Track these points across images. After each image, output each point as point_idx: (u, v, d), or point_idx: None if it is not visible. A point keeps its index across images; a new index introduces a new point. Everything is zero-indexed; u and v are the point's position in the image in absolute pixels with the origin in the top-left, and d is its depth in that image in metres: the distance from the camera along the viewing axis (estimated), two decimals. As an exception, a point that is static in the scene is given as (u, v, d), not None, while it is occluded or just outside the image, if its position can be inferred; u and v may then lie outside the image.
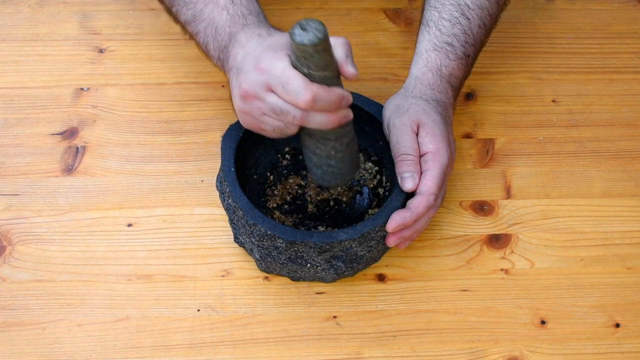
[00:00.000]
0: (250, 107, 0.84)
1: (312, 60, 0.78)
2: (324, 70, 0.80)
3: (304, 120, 0.82)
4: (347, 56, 0.82)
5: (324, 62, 0.79)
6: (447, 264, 0.98)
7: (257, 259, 0.93)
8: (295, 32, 0.77)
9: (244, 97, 0.84)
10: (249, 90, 0.83)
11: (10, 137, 1.05)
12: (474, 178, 1.04)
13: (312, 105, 0.80)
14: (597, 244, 1.00)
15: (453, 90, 0.98)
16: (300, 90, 0.79)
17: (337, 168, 0.91)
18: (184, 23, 0.95)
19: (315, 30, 0.76)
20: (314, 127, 0.83)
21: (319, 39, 0.77)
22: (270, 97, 0.82)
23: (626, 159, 1.07)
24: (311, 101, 0.79)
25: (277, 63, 0.80)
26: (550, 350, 0.93)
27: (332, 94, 0.81)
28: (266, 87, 0.81)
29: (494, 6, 1.00)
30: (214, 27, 0.91)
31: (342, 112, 0.83)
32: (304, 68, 0.79)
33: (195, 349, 0.91)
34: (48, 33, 1.14)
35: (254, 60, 0.82)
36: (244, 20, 0.90)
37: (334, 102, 0.81)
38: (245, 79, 0.83)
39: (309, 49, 0.77)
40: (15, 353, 0.91)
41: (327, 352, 0.92)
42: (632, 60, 1.15)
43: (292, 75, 0.79)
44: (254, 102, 0.83)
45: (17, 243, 0.97)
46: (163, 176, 1.03)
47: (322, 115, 0.82)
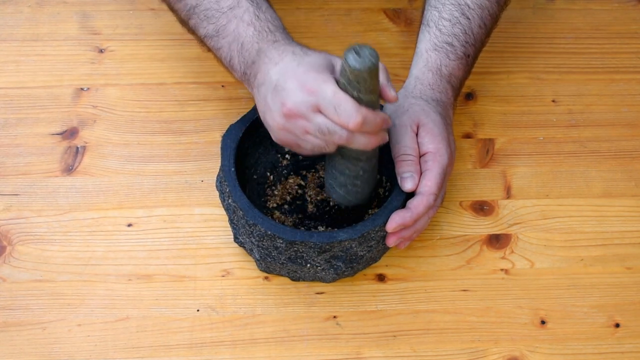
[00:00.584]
0: (294, 125, 0.85)
1: (364, 84, 0.81)
2: (372, 94, 0.82)
3: (350, 141, 0.84)
4: (388, 80, 0.85)
5: (373, 86, 0.82)
6: (447, 264, 0.98)
7: (257, 259, 0.93)
8: (350, 57, 0.79)
9: (287, 115, 0.84)
10: (294, 110, 0.84)
11: (10, 137, 1.05)
12: (474, 178, 1.04)
13: (361, 127, 0.82)
14: (597, 244, 1.00)
15: (453, 90, 0.98)
16: (352, 112, 0.81)
17: (361, 187, 0.93)
18: (203, 37, 0.95)
19: (370, 56, 0.79)
20: (355, 148, 0.86)
21: (373, 65, 0.79)
22: (318, 118, 0.83)
23: (626, 159, 1.07)
24: (361, 124, 0.81)
25: (326, 85, 0.82)
26: (550, 350, 0.93)
27: (377, 117, 0.83)
28: (314, 107, 0.83)
29: (495, 6, 1.00)
30: (240, 43, 0.90)
31: (382, 134, 0.86)
32: (354, 91, 0.81)
33: (195, 349, 0.91)
34: (48, 33, 1.14)
35: (298, 81, 0.83)
36: (272, 37, 0.90)
37: (379, 125, 0.84)
38: (290, 98, 0.84)
39: (363, 74, 0.80)
40: (15, 353, 0.91)
41: (327, 352, 0.92)
42: (632, 60, 1.15)
43: (343, 98, 0.81)
44: (298, 121, 0.84)
45: (17, 243, 0.97)
46: (163, 176, 1.03)
47: (365, 137, 0.84)
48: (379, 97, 0.85)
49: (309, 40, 1.14)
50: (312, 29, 1.16)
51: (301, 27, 1.16)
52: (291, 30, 1.15)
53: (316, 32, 1.16)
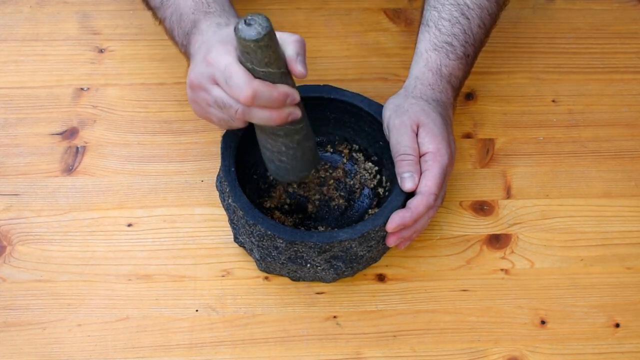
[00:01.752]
0: (197, 97, 0.86)
1: (254, 55, 0.78)
2: (267, 67, 0.79)
3: (246, 116, 0.83)
4: (298, 54, 0.82)
5: (267, 58, 0.79)
6: (447, 264, 0.98)
7: (257, 259, 0.93)
8: (239, 27, 0.76)
9: (191, 86, 0.86)
10: (195, 81, 0.84)
11: (10, 137, 1.05)
12: (474, 178, 1.04)
13: (252, 101, 0.80)
14: (597, 244, 1.00)
15: (453, 90, 0.98)
16: (241, 85, 0.80)
17: (290, 165, 0.91)
18: (153, 9, 0.97)
19: (259, 26, 0.76)
20: (256, 123, 0.84)
21: (261, 35, 0.76)
22: (215, 90, 0.83)
23: (626, 159, 1.07)
24: (251, 97, 0.80)
25: (223, 56, 0.81)
26: (550, 350, 0.93)
27: (274, 91, 0.81)
28: (211, 79, 0.83)
29: (494, 6, 1.00)
30: (179, 14, 0.92)
31: (287, 109, 0.83)
32: (248, 63, 0.79)
33: (195, 349, 0.91)
34: (48, 33, 1.14)
35: (205, 52, 0.84)
36: (207, 8, 0.90)
37: (276, 100, 0.81)
38: (194, 69, 0.85)
39: (250, 44, 0.77)
40: (15, 353, 0.91)
41: (327, 352, 0.92)
42: (632, 60, 1.15)
43: (235, 70, 0.80)
44: (200, 93, 0.85)
45: (17, 243, 0.97)
46: (163, 176, 1.03)
47: (264, 112, 0.82)
48: (285, 70, 0.81)
49: (309, 40, 1.14)
50: (312, 29, 1.16)
51: (301, 27, 1.16)
52: (291, 30, 1.15)
53: (316, 32, 1.16)
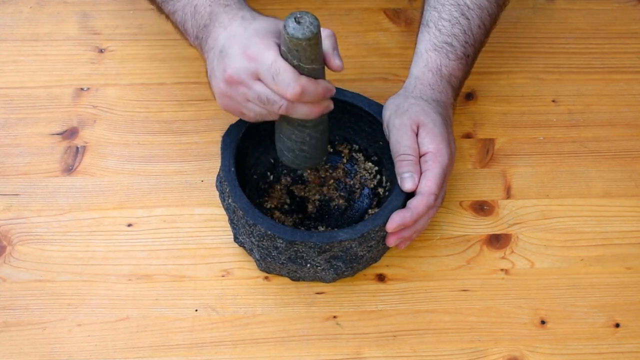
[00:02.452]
0: (235, 92, 0.85)
1: (303, 53, 0.79)
2: (313, 63, 0.81)
3: (289, 111, 0.83)
4: (334, 49, 0.83)
5: (314, 55, 0.80)
6: (447, 264, 0.98)
7: (257, 259, 0.93)
8: (290, 25, 0.78)
9: (228, 81, 0.84)
10: (235, 76, 0.83)
11: (10, 137, 1.05)
12: (474, 178, 1.04)
13: (300, 97, 0.81)
14: (597, 244, 1.00)
15: (453, 90, 0.98)
16: (290, 82, 0.80)
17: (309, 153, 0.92)
18: (160, 2, 0.95)
19: (310, 24, 0.78)
20: (296, 117, 0.85)
21: (312, 34, 0.78)
22: (258, 86, 0.83)
23: (626, 159, 1.07)
24: (300, 94, 0.81)
25: (267, 52, 0.81)
26: (550, 350, 0.93)
27: (319, 87, 0.82)
28: (254, 75, 0.82)
29: (494, 6, 1.00)
30: (193, 6, 0.91)
31: (325, 102, 0.85)
32: (294, 60, 0.80)
33: (195, 349, 0.91)
34: (48, 33, 1.14)
35: (242, 46, 0.83)
36: (224, 1, 0.90)
37: (320, 95, 0.83)
38: (232, 64, 0.83)
39: (302, 42, 0.78)
40: (15, 353, 0.91)
41: (327, 352, 0.92)
42: (632, 60, 1.15)
43: (282, 66, 0.80)
44: (239, 88, 0.84)
45: (17, 243, 0.97)
46: (163, 176, 1.03)
47: (306, 107, 0.83)
48: (322, 65, 0.83)
49: (309, 40, 1.14)
50: (312, 29, 1.16)
51: (301, 27, 1.16)
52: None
53: (316, 32, 1.16)
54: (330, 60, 0.83)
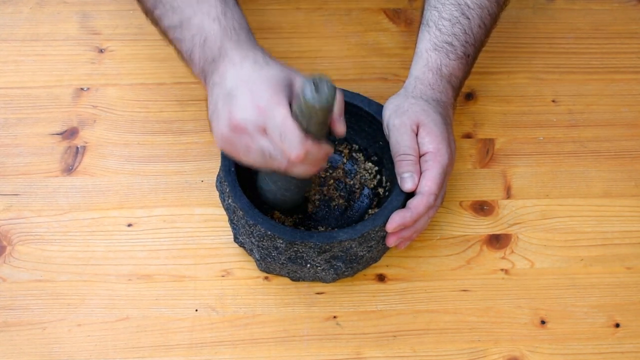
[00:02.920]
0: (238, 140, 0.83)
1: (315, 118, 0.78)
2: (321, 126, 0.80)
3: (289, 170, 0.82)
4: (340, 115, 0.83)
5: (325, 120, 0.80)
6: (447, 264, 0.98)
7: (257, 259, 0.93)
8: (307, 90, 0.76)
9: (233, 128, 0.82)
10: (242, 124, 0.81)
11: (10, 137, 1.05)
12: (474, 178, 1.04)
13: (302, 160, 0.80)
14: (597, 244, 1.00)
15: (453, 90, 0.98)
16: (296, 145, 0.79)
17: (290, 199, 0.93)
18: (166, 27, 0.93)
19: (327, 93, 0.76)
20: (292, 175, 0.84)
21: (329, 103, 0.77)
22: (263, 140, 0.81)
23: (626, 159, 1.07)
24: (303, 157, 0.80)
25: (278, 108, 0.79)
26: (550, 350, 0.93)
27: (321, 151, 0.81)
28: (261, 129, 0.81)
29: (494, 6, 1.00)
30: (203, 38, 0.89)
31: (322, 164, 0.85)
32: (304, 122, 0.79)
33: (195, 349, 0.91)
34: (48, 33, 1.14)
35: (252, 95, 0.81)
36: (236, 37, 0.88)
37: (321, 159, 0.83)
38: (239, 111, 0.81)
39: (317, 110, 0.77)
40: (15, 353, 0.91)
41: (327, 352, 0.92)
42: (632, 60, 1.15)
43: (290, 127, 0.79)
44: (243, 137, 0.82)
45: (17, 243, 0.97)
46: (163, 176, 1.03)
47: (305, 167, 0.83)
48: (328, 129, 0.83)
49: (309, 40, 1.15)
50: (312, 29, 1.16)
51: (301, 27, 1.16)
52: (291, 30, 1.16)
53: (316, 32, 1.16)
54: (335, 125, 0.83)
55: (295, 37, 1.15)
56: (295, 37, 1.15)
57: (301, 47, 1.14)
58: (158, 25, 0.95)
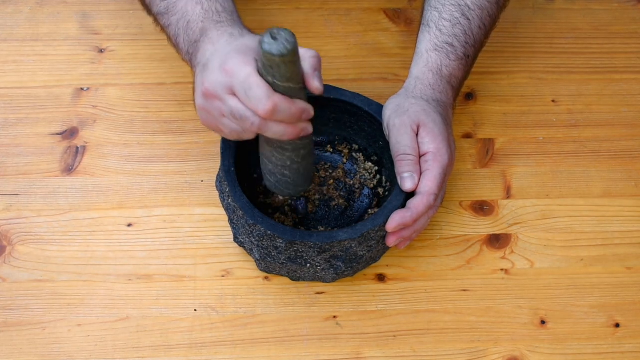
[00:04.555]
0: (211, 106, 0.84)
1: (277, 70, 0.77)
2: (289, 82, 0.79)
3: (262, 129, 0.81)
4: (315, 70, 0.81)
5: (289, 73, 0.78)
6: (447, 264, 0.98)
7: (257, 259, 0.93)
8: (265, 41, 0.75)
9: (205, 95, 0.84)
10: (211, 90, 0.82)
11: (10, 137, 1.05)
12: (474, 178, 1.04)
13: (271, 115, 0.79)
14: (597, 244, 1.00)
15: (453, 90, 0.98)
16: (262, 98, 0.78)
17: (291, 179, 0.91)
18: (156, 15, 0.95)
19: (285, 41, 0.75)
20: (271, 137, 0.83)
21: (287, 50, 0.75)
22: (231, 101, 0.81)
23: (626, 159, 1.07)
24: (271, 111, 0.79)
25: (243, 67, 0.79)
26: (550, 350, 0.93)
27: (293, 107, 0.80)
28: (228, 89, 0.81)
29: (494, 7, 1.00)
30: (187, 21, 0.90)
31: (301, 125, 0.83)
32: (269, 77, 0.78)
33: (195, 349, 0.91)
34: (48, 33, 1.14)
35: (221, 60, 0.82)
36: (217, 17, 0.89)
37: (294, 115, 0.81)
38: (209, 77, 0.83)
39: (276, 59, 0.76)
40: (15, 353, 0.91)
41: (327, 352, 0.92)
42: (632, 60, 1.15)
43: (255, 82, 0.78)
44: (214, 102, 0.83)
45: (17, 243, 0.97)
46: (163, 176, 1.03)
47: (280, 126, 0.81)
48: (302, 85, 0.81)
49: (309, 40, 1.15)
50: (312, 29, 1.16)
51: (301, 27, 1.16)
52: (291, 30, 1.16)
53: (316, 32, 1.16)
54: (309, 81, 0.81)
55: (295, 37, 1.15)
56: (296, 37, 1.15)
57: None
58: (151, 14, 0.97)
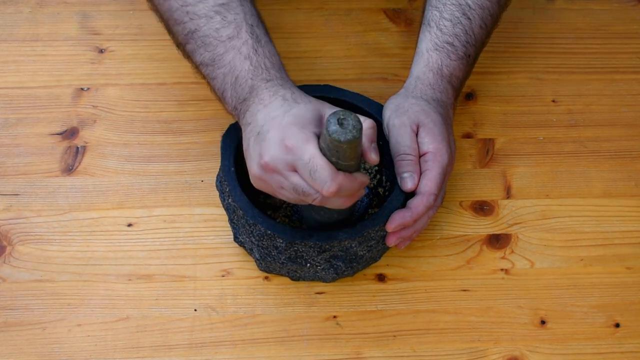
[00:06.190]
0: (270, 178, 0.83)
1: (343, 153, 0.78)
2: (351, 161, 0.80)
3: (323, 203, 0.82)
4: (372, 142, 0.82)
5: (353, 154, 0.79)
6: (447, 264, 0.98)
7: (257, 258, 0.93)
8: (332, 127, 0.76)
9: (264, 168, 0.83)
10: (271, 164, 0.82)
11: (10, 137, 1.05)
12: (474, 178, 1.04)
13: (336, 194, 0.80)
14: (597, 244, 1.00)
15: (454, 90, 0.98)
16: (327, 180, 0.79)
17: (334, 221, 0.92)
18: (199, 64, 0.92)
19: (352, 128, 0.76)
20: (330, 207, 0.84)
21: (355, 138, 0.77)
22: (294, 178, 0.81)
23: (626, 159, 1.07)
24: (336, 192, 0.79)
25: (306, 146, 0.79)
26: (550, 350, 0.93)
27: (355, 183, 0.81)
28: (291, 167, 0.81)
29: (495, 6, 1.00)
30: (234, 76, 0.88)
31: (359, 193, 0.84)
32: (333, 157, 0.79)
33: (195, 349, 0.91)
34: (48, 33, 1.14)
35: (280, 134, 0.81)
36: (267, 74, 0.88)
37: (355, 190, 0.82)
38: (269, 151, 0.81)
39: (343, 145, 0.77)
40: (15, 353, 0.91)
41: (327, 352, 0.92)
42: (632, 60, 1.15)
43: (320, 164, 0.79)
44: (274, 176, 0.83)
45: (17, 243, 0.97)
46: (163, 176, 1.03)
47: (341, 199, 0.82)
48: (360, 161, 0.83)
49: (309, 40, 1.15)
50: (312, 29, 1.16)
51: (301, 27, 1.16)
52: (291, 30, 1.16)
53: (316, 32, 1.16)
54: (367, 154, 0.82)
55: (295, 37, 1.15)
56: (295, 37, 1.15)
57: (301, 47, 1.14)
58: (190, 60, 0.94)
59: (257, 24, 0.90)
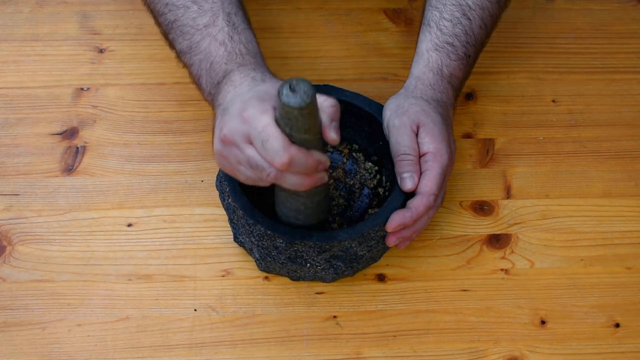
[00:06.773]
0: (228, 152, 0.82)
1: (295, 122, 0.76)
2: (306, 133, 0.78)
3: (278, 180, 0.80)
4: (332, 120, 0.80)
5: (307, 125, 0.77)
6: (447, 264, 0.98)
7: (257, 258, 0.93)
8: (283, 92, 0.74)
9: (223, 141, 0.82)
10: (229, 136, 0.81)
11: (10, 137, 1.05)
12: (474, 178, 1.04)
13: (288, 167, 0.78)
14: (597, 244, 1.00)
15: (454, 90, 0.98)
16: (278, 151, 0.77)
17: (303, 221, 0.90)
18: (179, 52, 0.94)
19: (304, 93, 0.74)
20: (287, 187, 0.82)
21: (305, 103, 0.74)
22: (248, 150, 0.80)
23: (626, 159, 1.07)
24: (287, 164, 0.77)
25: (261, 116, 0.78)
26: (550, 350, 0.93)
27: (309, 159, 0.79)
28: (246, 138, 0.79)
29: (495, 7, 1.00)
30: (209, 62, 0.89)
31: (317, 175, 0.82)
32: (287, 128, 0.77)
33: (195, 349, 0.91)
34: (48, 33, 1.14)
35: (240, 106, 0.80)
36: (240, 59, 0.88)
37: (310, 167, 0.80)
38: (228, 123, 0.81)
39: (294, 111, 0.75)
40: (15, 353, 0.91)
41: (327, 352, 0.92)
42: (632, 60, 1.15)
43: (272, 133, 0.77)
44: (232, 149, 0.82)
45: (17, 243, 0.97)
46: (163, 176, 1.03)
47: (296, 177, 0.80)
48: (318, 136, 0.80)
49: (309, 40, 1.15)
50: (312, 29, 1.16)
51: (301, 27, 1.16)
52: (291, 30, 1.16)
53: (316, 32, 1.16)
54: (325, 132, 0.80)
55: (295, 37, 1.15)
56: (295, 37, 1.15)
57: (301, 47, 1.14)
58: (173, 50, 0.96)
59: (235, 12, 0.92)
